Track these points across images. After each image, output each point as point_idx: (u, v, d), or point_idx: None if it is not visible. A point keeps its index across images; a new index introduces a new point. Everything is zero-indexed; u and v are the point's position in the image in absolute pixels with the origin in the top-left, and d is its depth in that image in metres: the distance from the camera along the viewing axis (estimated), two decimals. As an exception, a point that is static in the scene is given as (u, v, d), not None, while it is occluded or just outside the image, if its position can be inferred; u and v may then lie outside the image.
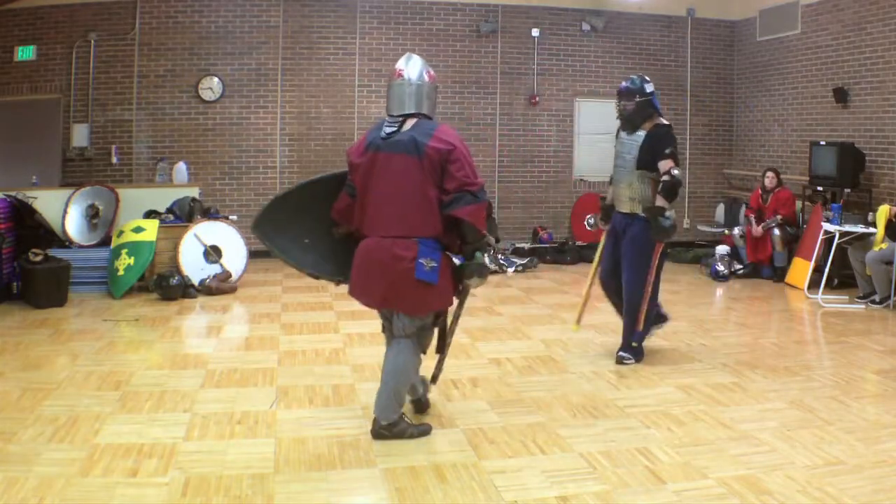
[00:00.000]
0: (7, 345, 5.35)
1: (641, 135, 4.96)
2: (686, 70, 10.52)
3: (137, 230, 7.21)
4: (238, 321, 6.42)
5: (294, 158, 9.56)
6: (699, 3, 10.37)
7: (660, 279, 5.12)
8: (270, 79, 9.49)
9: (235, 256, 7.56)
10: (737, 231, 8.87)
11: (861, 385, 4.72)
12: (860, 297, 7.14)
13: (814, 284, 7.40)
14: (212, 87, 9.33)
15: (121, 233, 7.29)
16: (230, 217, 8.36)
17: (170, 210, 7.74)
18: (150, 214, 7.69)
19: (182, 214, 7.72)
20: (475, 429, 3.88)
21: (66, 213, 7.52)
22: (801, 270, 7.82)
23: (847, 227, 7.12)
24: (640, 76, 5.14)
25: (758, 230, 8.43)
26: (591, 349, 5.45)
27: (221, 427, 3.87)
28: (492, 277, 8.48)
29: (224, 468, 3.37)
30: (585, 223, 10.17)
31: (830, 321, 6.52)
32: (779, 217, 8.34)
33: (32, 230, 7.20)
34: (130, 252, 7.05)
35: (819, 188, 8.31)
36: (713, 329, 6.19)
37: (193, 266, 7.32)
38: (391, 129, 3.61)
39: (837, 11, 8.59)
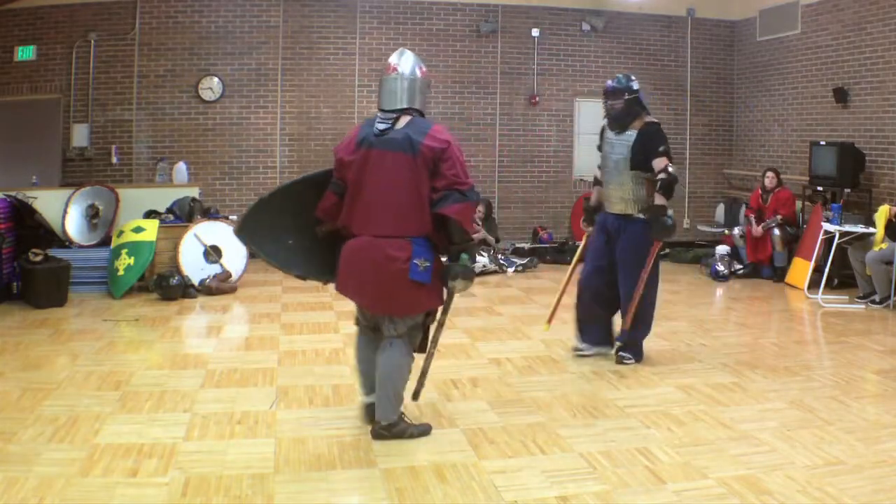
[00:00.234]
0: (7, 345, 5.35)
1: (630, 134, 4.90)
2: (686, 70, 10.52)
3: (137, 230, 7.21)
4: (238, 321, 6.42)
5: (294, 158, 9.56)
6: (699, 3, 10.37)
7: (658, 280, 5.08)
8: (270, 79, 9.49)
9: (235, 256, 7.55)
10: (737, 231, 8.87)
11: (861, 385, 4.72)
12: (860, 297, 7.14)
13: (814, 284, 7.40)
14: (212, 87, 9.33)
15: (121, 233, 7.29)
16: (230, 217, 8.35)
17: (170, 210, 7.74)
18: (150, 214, 7.69)
19: (182, 214, 7.72)
20: (475, 429, 3.88)
21: (66, 213, 7.52)
22: (801, 270, 7.82)
23: (847, 227, 7.12)
24: (626, 74, 5.05)
25: (758, 230, 8.43)
26: (591, 349, 5.45)
27: (221, 427, 3.87)
28: (491, 277, 8.51)
29: (224, 468, 3.37)
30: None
31: (830, 321, 6.52)
32: (779, 217, 8.34)
33: (32, 230, 7.20)
34: (130, 252, 7.04)
35: (819, 188, 8.31)
36: (713, 329, 6.19)
37: (193, 266, 7.32)
38: (385, 126, 3.57)
39: (837, 11, 8.59)
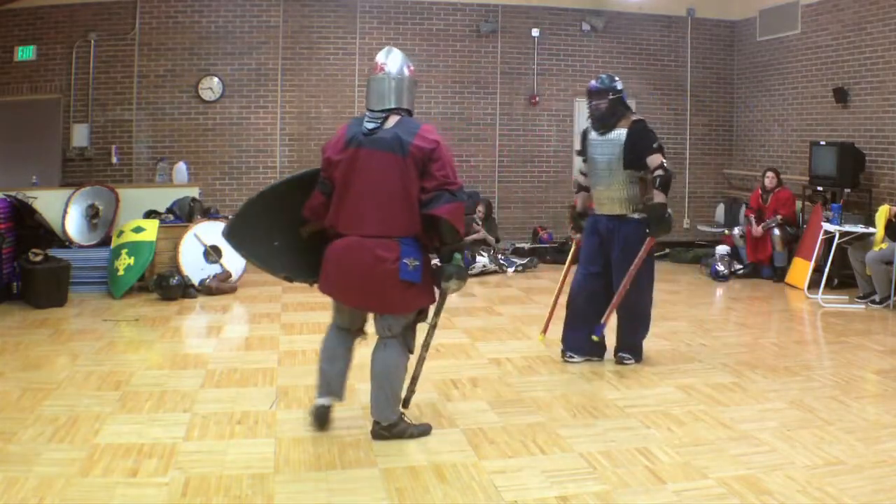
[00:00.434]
0: (7, 345, 5.35)
1: (618, 133, 4.85)
2: (686, 70, 10.52)
3: (137, 230, 7.21)
4: (238, 321, 6.42)
5: (294, 158, 9.56)
6: (699, 3, 10.37)
7: (653, 279, 5.03)
8: (270, 79, 9.49)
9: (235, 256, 7.53)
10: (737, 231, 8.87)
11: (861, 385, 4.72)
12: (860, 297, 7.14)
13: (814, 284, 7.40)
14: (212, 87, 9.33)
15: (121, 233, 7.29)
16: (230, 217, 8.35)
17: (170, 210, 7.74)
18: (150, 214, 7.69)
19: (182, 214, 7.72)
20: (475, 429, 3.88)
21: (66, 213, 7.52)
22: (801, 270, 7.82)
23: (847, 227, 7.12)
24: (609, 75, 5.02)
25: (758, 230, 8.43)
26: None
27: (221, 427, 3.87)
28: (491, 277, 8.51)
29: (224, 468, 3.37)
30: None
31: (830, 321, 6.52)
32: (779, 217, 8.34)
33: (32, 230, 7.20)
34: (130, 252, 7.04)
35: (819, 188, 8.31)
36: (713, 329, 6.19)
37: (193, 266, 7.32)
38: (373, 125, 3.55)
39: (837, 11, 8.59)
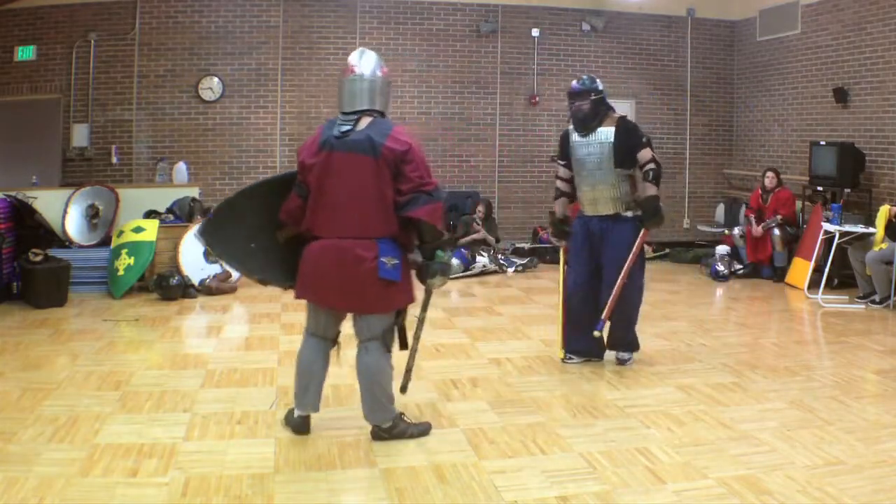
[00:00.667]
0: (7, 345, 5.35)
1: (604, 132, 4.81)
2: (686, 70, 10.53)
3: (137, 230, 7.21)
4: (238, 321, 6.41)
5: (294, 158, 9.52)
6: (699, 3, 10.37)
7: (643, 274, 5.00)
8: (270, 79, 9.49)
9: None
10: (737, 231, 8.87)
11: (861, 385, 4.72)
12: (860, 297, 7.14)
13: (814, 284, 7.40)
14: (212, 87, 9.33)
15: (121, 233, 7.29)
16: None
17: (170, 210, 7.74)
18: (150, 214, 7.69)
19: (182, 214, 7.72)
20: (475, 429, 3.88)
21: (66, 213, 7.52)
22: (801, 270, 7.82)
23: (847, 227, 7.12)
24: (589, 76, 4.97)
25: (758, 230, 8.43)
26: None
27: (221, 427, 3.87)
28: (491, 277, 8.52)
29: (224, 468, 3.37)
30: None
31: (830, 321, 6.52)
32: (779, 217, 8.34)
33: (32, 230, 7.20)
34: (130, 252, 7.05)
35: (819, 188, 8.31)
36: (713, 329, 6.19)
37: (193, 266, 7.32)
38: (346, 128, 3.55)
39: (837, 11, 8.59)
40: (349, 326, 3.74)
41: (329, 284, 3.53)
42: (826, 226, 7.26)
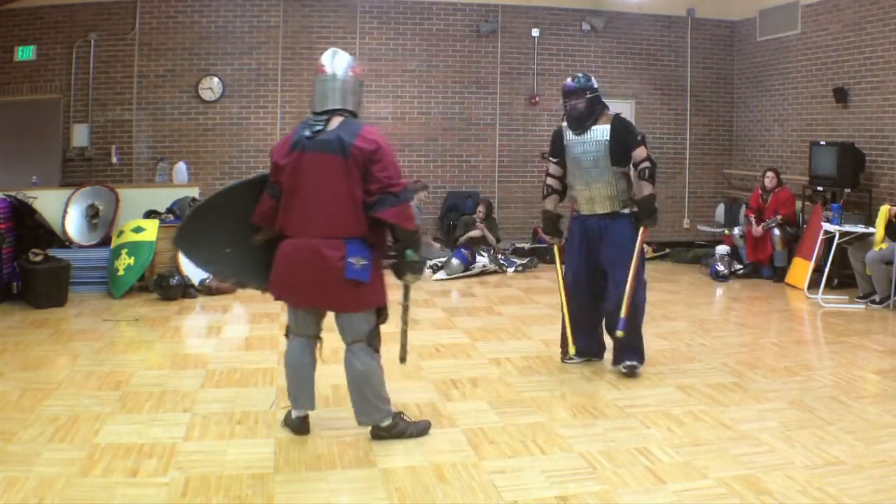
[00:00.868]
0: (7, 345, 5.35)
1: (599, 130, 4.78)
2: (686, 70, 10.53)
3: (137, 230, 7.21)
4: (238, 321, 6.41)
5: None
6: (699, 3, 10.37)
7: (644, 273, 4.94)
8: (270, 79, 9.49)
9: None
10: (737, 231, 8.87)
11: (861, 385, 4.72)
12: (860, 297, 7.14)
13: (814, 284, 7.40)
14: (212, 87, 9.33)
15: (121, 233, 7.29)
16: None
17: (170, 210, 7.74)
18: (150, 214, 7.69)
19: (182, 214, 7.71)
20: (475, 429, 3.88)
21: (66, 213, 7.52)
22: (801, 270, 7.82)
23: (847, 227, 7.12)
24: (584, 74, 4.93)
25: (758, 230, 8.43)
26: (591, 349, 5.43)
27: (221, 427, 3.87)
28: (491, 277, 8.52)
29: (224, 468, 3.37)
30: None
31: (830, 321, 6.52)
32: (779, 217, 8.34)
33: (32, 230, 7.20)
34: (130, 252, 7.05)
35: (819, 188, 8.31)
36: (713, 329, 6.19)
37: (193, 266, 7.30)
38: (317, 128, 3.55)
39: (837, 11, 8.59)
40: (330, 322, 3.73)
41: (300, 284, 3.55)
42: (826, 226, 7.26)
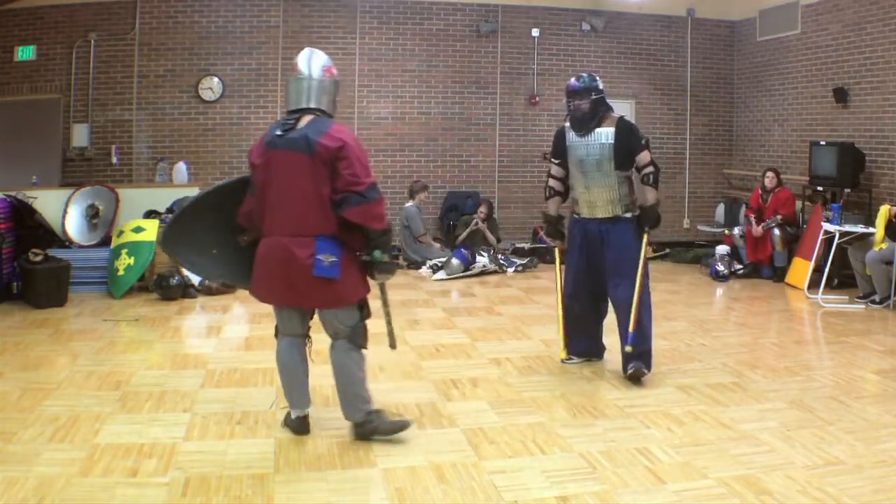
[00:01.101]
0: (7, 345, 5.35)
1: (603, 132, 4.69)
2: (686, 70, 10.53)
3: (137, 230, 7.21)
4: (238, 321, 6.41)
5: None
6: (699, 3, 10.37)
7: (648, 282, 4.89)
8: (270, 79, 9.49)
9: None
10: (737, 231, 8.87)
11: (861, 385, 4.72)
12: (860, 297, 7.14)
13: (814, 284, 7.40)
14: (212, 87, 9.33)
15: (121, 233, 7.29)
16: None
17: (170, 210, 7.73)
18: (150, 214, 7.69)
19: (182, 215, 7.71)
20: (475, 429, 3.88)
21: (66, 213, 7.52)
22: (801, 270, 7.82)
23: (847, 227, 7.12)
24: (589, 74, 4.81)
25: (758, 230, 8.43)
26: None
27: (221, 427, 3.87)
28: (491, 277, 8.52)
29: (224, 468, 3.37)
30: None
31: (830, 321, 6.52)
32: (779, 217, 8.34)
33: (32, 230, 7.20)
34: (130, 252, 7.05)
35: (819, 188, 8.31)
36: (713, 329, 6.19)
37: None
38: (287, 127, 3.57)
39: (837, 11, 8.59)
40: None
41: (274, 283, 3.56)
42: (826, 226, 7.26)
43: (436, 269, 8.55)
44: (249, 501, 3.07)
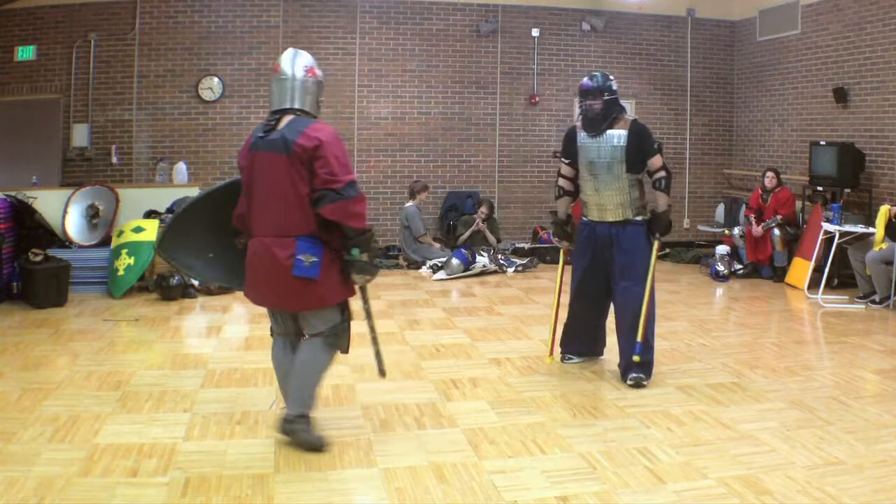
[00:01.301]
0: (7, 345, 5.35)
1: (615, 134, 4.62)
2: (686, 70, 10.52)
3: (137, 230, 7.22)
4: (238, 321, 6.41)
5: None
6: (699, 3, 10.37)
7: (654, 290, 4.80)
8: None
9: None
10: (737, 231, 8.87)
11: (861, 385, 4.72)
12: (860, 297, 7.14)
13: (814, 284, 7.40)
14: (212, 87, 9.33)
15: (121, 233, 7.29)
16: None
17: (170, 210, 7.73)
18: (150, 214, 7.69)
19: (182, 215, 7.71)
20: (475, 429, 3.88)
21: (66, 213, 7.53)
22: (801, 270, 7.82)
23: (847, 227, 7.12)
24: (603, 73, 4.71)
25: (758, 230, 8.43)
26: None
27: (221, 427, 3.87)
28: (491, 277, 8.52)
29: (224, 468, 3.37)
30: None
31: (830, 321, 6.52)
32: (779, 217, 8.33)
33: (32, 230, 7.20)
34: (130, 252, 7.05)
35: (819, 188, 8.31)
36: (713, 329, 6.19)
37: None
38: (268, 128, 3.57)
39: (837, 11, 8.59)
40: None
41: (261, 283, 3.57)
42: (826, 226, 7.26)
43: (436, 269, 8.55)
44: (249, 501, 3.07)
